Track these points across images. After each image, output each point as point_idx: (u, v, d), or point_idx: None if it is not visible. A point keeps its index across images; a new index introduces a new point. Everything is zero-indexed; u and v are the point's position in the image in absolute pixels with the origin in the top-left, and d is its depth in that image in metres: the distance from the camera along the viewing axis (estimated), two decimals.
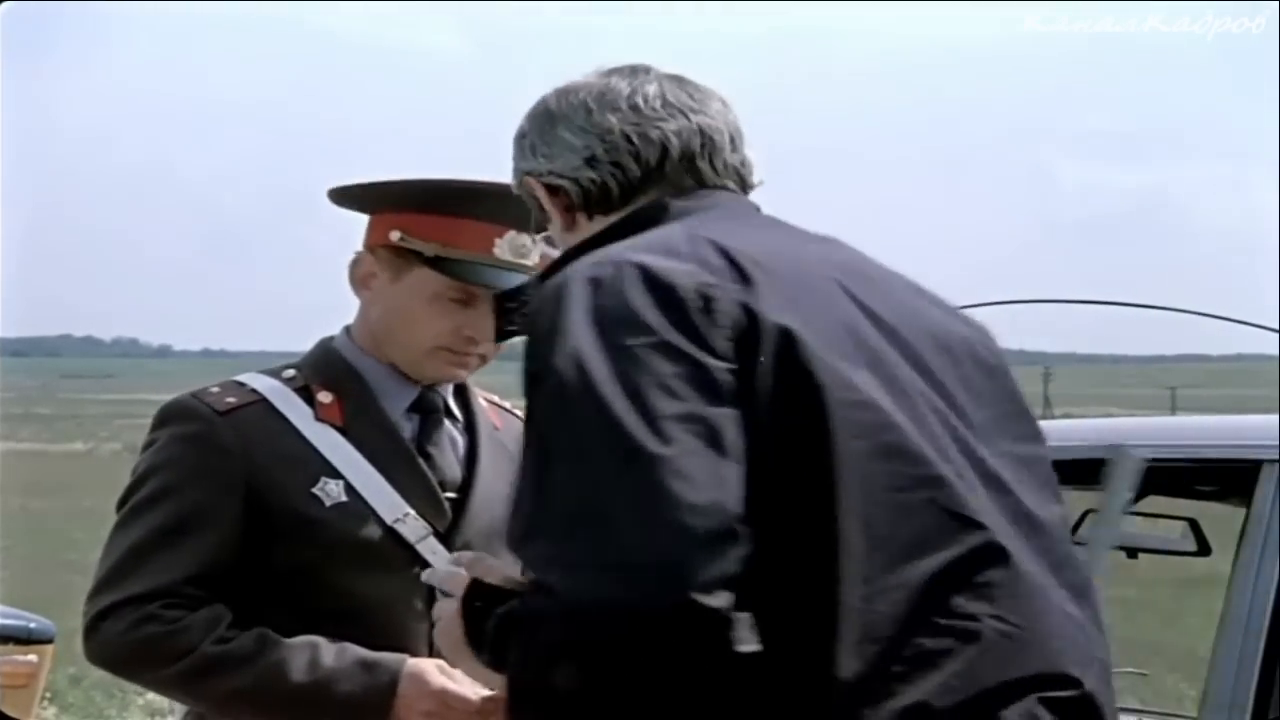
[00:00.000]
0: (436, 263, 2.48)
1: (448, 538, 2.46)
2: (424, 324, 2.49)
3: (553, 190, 1.91)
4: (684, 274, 1.61)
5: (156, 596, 2.36)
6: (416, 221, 2.49)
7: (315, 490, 2.42)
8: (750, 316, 1.60)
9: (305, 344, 2.66)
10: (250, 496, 2.40)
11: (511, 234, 2.49)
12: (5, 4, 3.71)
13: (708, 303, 1.60)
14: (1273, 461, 2.55)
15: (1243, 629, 2.50)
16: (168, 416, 2.49)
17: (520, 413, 2.64)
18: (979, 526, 1.61)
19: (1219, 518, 3.10)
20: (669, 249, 1.66)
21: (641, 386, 1.56)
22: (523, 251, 2.50)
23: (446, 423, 2.56)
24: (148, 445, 2.48)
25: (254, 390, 2.47)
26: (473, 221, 2.49)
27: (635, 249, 1.68)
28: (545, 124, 1.92)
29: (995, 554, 1.60)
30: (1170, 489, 2.91)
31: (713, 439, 1.54)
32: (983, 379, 1.78)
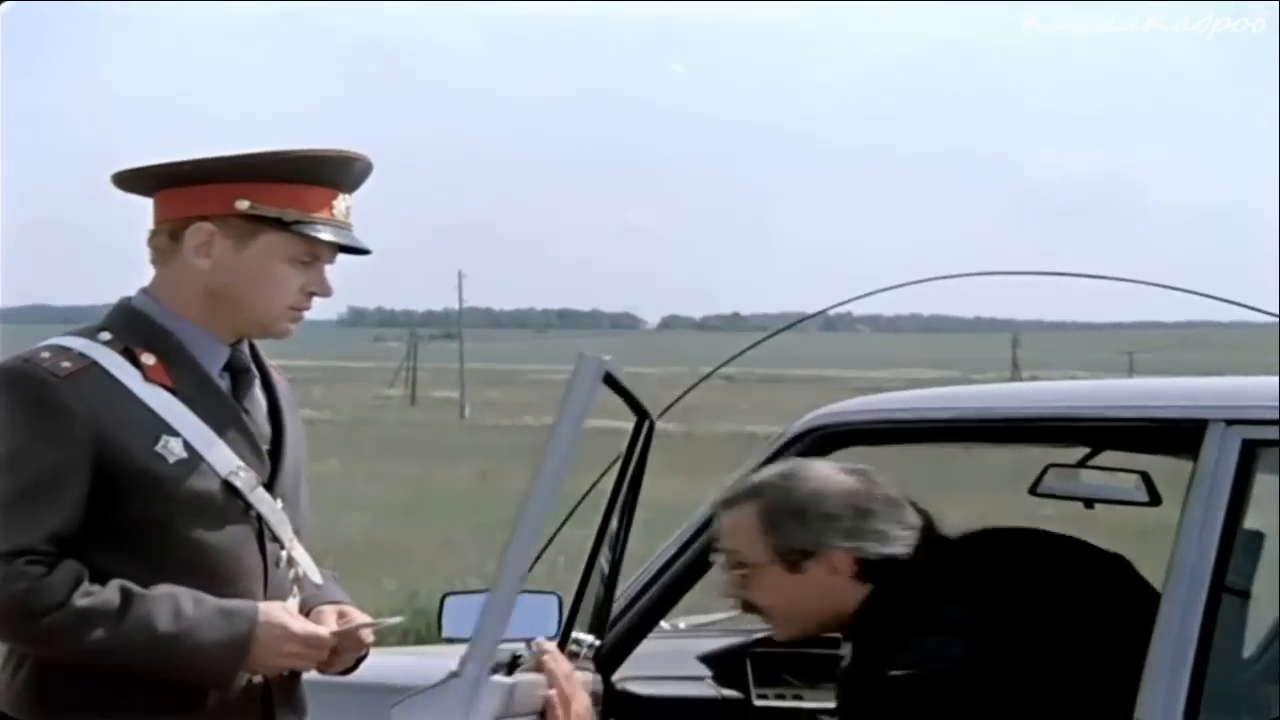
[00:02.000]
0: (291, 226, 2.49)
1: (270, 486, 2.52)
2: (278, 285, 2.52)
3: None
4: None
5: (19, 555, 2.33)
6: (262, 190, 2.48)
7: (158, 449, 2.42)
8: None
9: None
10: (98, 457, 2.38)
11: (342, 195, 2.54)
12: (5, 4, 3.68)
13: None
14: (1218, 421, 2.56)
15: (1189, 572, 2.50)
16: (3, 381, 2.43)
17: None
18: None
19: (1169, 470, 3.10)
20: None
21: None
22: (350, 211, 2.56)
23: (254, 380, 2.60)
24: None
25: (83, 354, 2.44)
26: (313, 187, 2.51)
27: None
28: None
29: None
30: (1125, 445, 2.90)
31: None
32: None
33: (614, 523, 2.95)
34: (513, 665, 2.61)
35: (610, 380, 2.59)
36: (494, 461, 22.14)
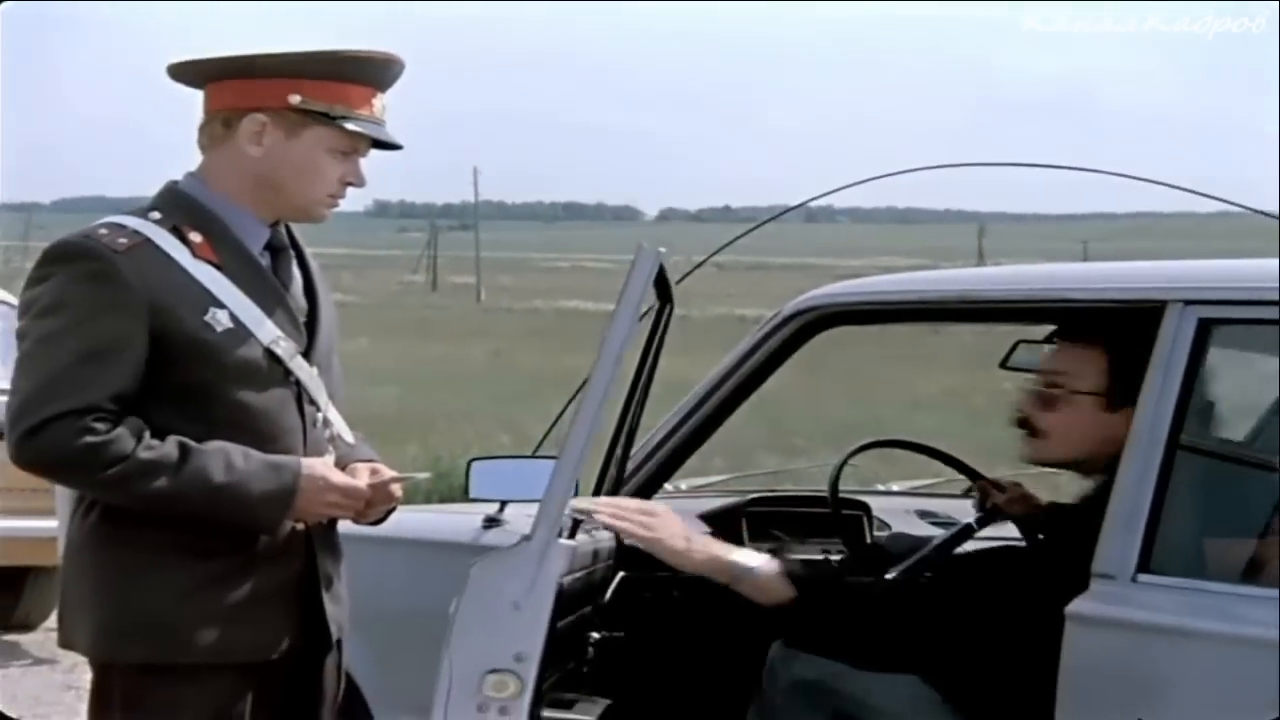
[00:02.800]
0: (336, 120, 2.49)
1: (307, 355, 2.54)
2: (321, 174, 2.52)
3: None
4: None
5: (87, 412, 2.35)
6: (312, 87, 2.48)
7: (207, 319, 2.43)
8: None
9: None
10: (153, 326, 2.39)
11: (379, 95, 2.54)
12: (5, 4, 3.61)
13: None
14: (1176, 301, 2.54)
15: (1147, 438, 2.50)
16: (66, 255, 2.43)
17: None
18: None
19: None
20: None
21: None
22: (385, 110, 2.56)
23: (291, 259, 2.60)
24: (42, 279, 2.42)
25: (137, 231, 2.44)
26: (357, 86, 2.50)
27: None
28: None
29: None
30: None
31: None
32: None
33: (635, 396, 2.97)
34: (574, 529, 2.66)
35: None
36: (506, 341, 22.21)
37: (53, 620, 7.14)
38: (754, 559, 2.64)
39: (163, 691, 2.45)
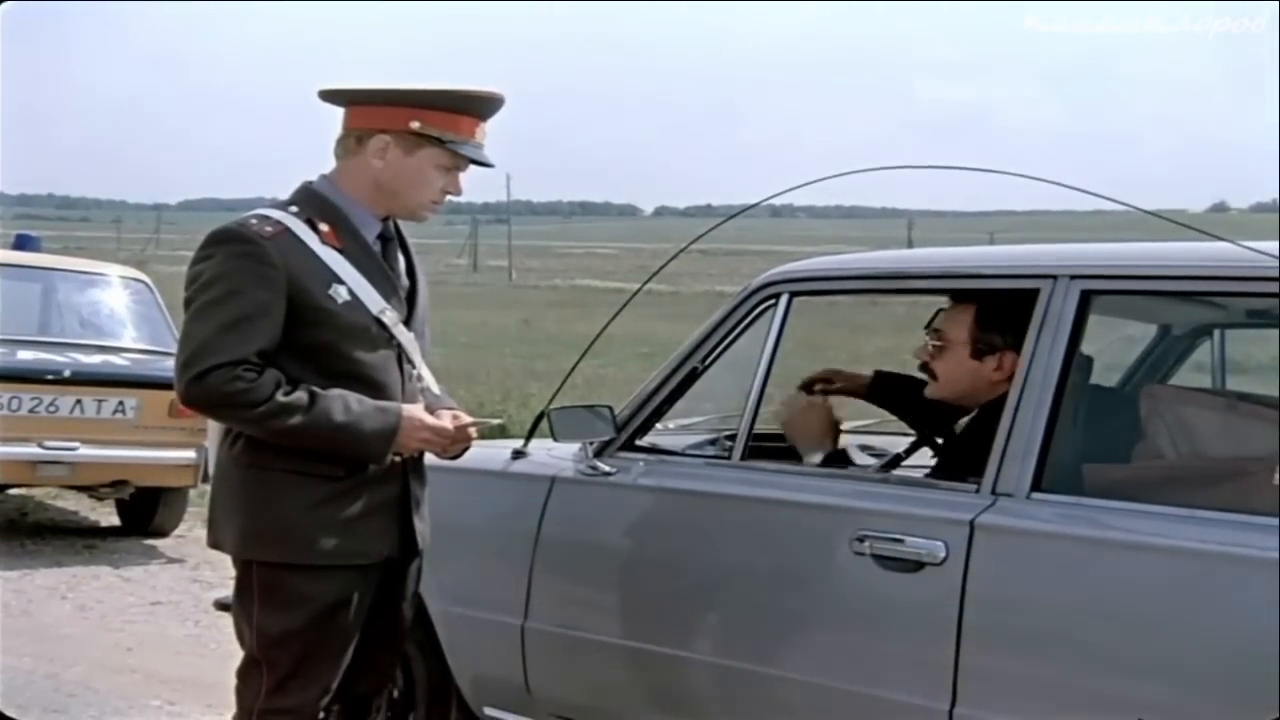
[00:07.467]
0: (446, 144, 2.51)
1: (406, 323, 2.57)
2: (429, 184, 2.54)
3: None
4: None
5: (238, 364, 2.38)
6: (430, 115, 2.50)
7: (330, 292, 2.46)
8: None
9: None
10: (290, 297, 2.42)
11: (482, 124, 2.55)
12: (5, 4, 3.56)
13: None
14: (1064, 276, 2.54)
15: (1039, 384, 2.50)
16: (225, 239, 2.46)
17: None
18: None
19: None
20: None
21: None
22: (484, 135, 2.57)
23: (397, 247, 2.62)
24: (206, 258, 2.45)
25: (279, 221, 2.47)
26: (464, 116, 2.52)
27: None
28: None
29: None
30: (997, 293, 2.86)
31: None
32: None
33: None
34: None
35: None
36: (533, 311, 22.19)
37: (181, 528, 7.24)
38: None
39: (291, 584, 2.50)
